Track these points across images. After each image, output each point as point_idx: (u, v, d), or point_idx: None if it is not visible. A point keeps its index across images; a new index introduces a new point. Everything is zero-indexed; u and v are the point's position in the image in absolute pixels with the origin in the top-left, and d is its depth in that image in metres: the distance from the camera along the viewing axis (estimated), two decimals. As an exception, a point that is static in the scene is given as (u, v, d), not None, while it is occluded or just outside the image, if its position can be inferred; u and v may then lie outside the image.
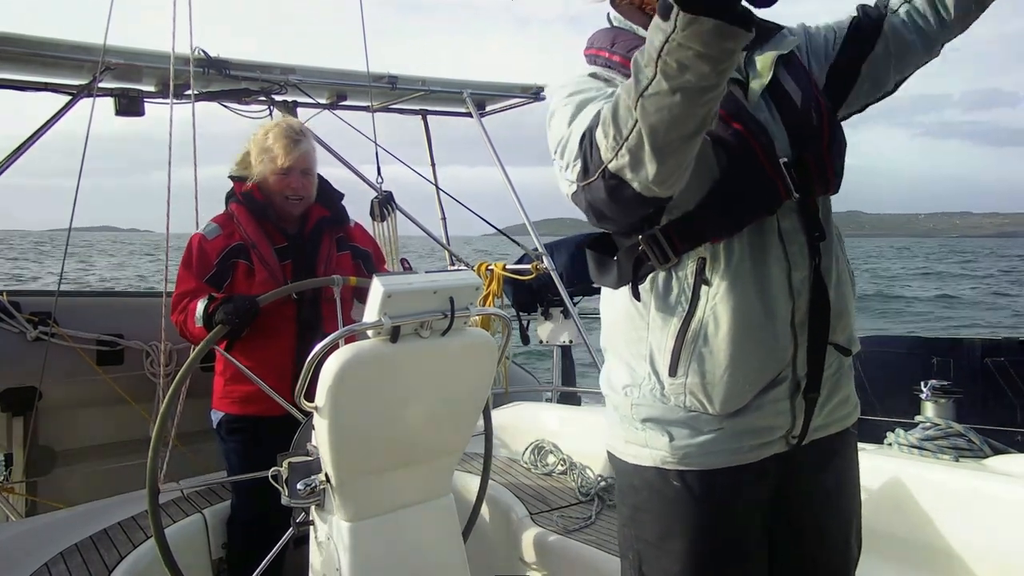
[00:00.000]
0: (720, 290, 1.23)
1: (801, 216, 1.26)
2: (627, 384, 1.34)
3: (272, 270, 2.51)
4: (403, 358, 1.70)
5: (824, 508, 1.38)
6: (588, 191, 1.13)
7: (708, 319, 1.24)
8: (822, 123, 1.28)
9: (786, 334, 1.26)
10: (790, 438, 1.31)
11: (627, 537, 1.39)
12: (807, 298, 1.26)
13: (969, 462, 2.26)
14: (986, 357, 3.57)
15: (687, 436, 1.28)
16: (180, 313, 2.46)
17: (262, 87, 3.85)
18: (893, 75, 1.39)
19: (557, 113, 1.26)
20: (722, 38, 0.89)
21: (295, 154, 2.55)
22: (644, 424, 1.32)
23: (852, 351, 1.36)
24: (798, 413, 1.29)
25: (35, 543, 2.54)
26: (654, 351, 1.29)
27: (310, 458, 1.82)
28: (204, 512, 2.76)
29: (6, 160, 3.36)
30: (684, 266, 1.26)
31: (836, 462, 1.38)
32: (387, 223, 4.13)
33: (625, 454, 1.36)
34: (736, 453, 1.28)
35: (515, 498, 2.82)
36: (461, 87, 4.57)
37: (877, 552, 2.32)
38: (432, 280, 1.71)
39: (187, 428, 2.96)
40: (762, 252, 1.24)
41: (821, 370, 1.29)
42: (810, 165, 1.25)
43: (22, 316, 3.43)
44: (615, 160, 1.05)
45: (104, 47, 3.19)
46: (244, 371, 2.09)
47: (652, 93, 0.96)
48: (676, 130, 0.99)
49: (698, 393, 1.26)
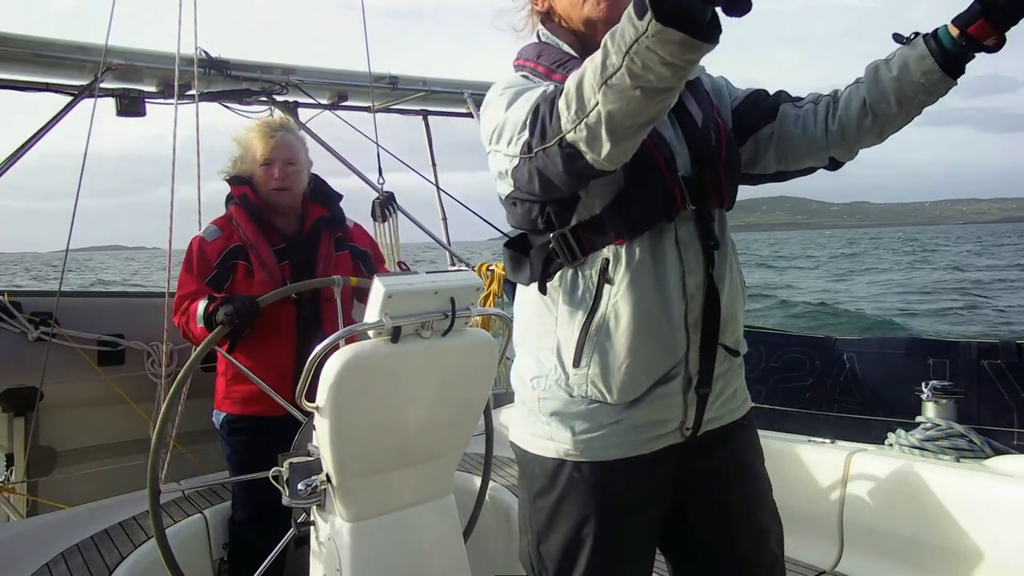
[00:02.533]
0: (621, 288, 1.34)
1: (697, 226, 1.37)
2: (535, 376, 1.45)
3: (271, 271, 2.53)
4: (404, 358, 1.70)
5: (723, 486, 1.49)
6: (539, 158, 1.21)
7: (610, 314, 1.35)
8: (720, 143, 1.39)
9: (680, 332, 1.36)
10: (684, 430, 1.42)
11: (526, 518, 1.52)
12: (700, 301, 1.37)
13: (970, 462, 2.27)
14: (982, 359, 3.57)
15: (588, 429, 1.39)
16: (182, 315, 2.47)
17: (263, 87, 3.86)
18: (773, 161, 1.48)
19: (492, 104, 1.35)
20: (687, 50, 0.95)
21: (273, 144, 2.61)
22: (550, 418, 1.42)
23: (740, 352, 1.47)
24: (690, 406, 1.40)
25: (36, 543, 2.54)
26: (560, 343, 1.40)
27: (311, 458, 1.82)
28: (205, 512, 2.76)
29: (8, 160, 3.36)
30: (590, 265, 1.37)
31: (731, 446, 1.49)
32: (388, 224, 4.13)
33: (530, 445, 1.48)
34: (633, 445, 1.39)
35: (515, 498, 2.82)
36: (462, 87, 4.57)
37: (877, 552, 2.32)
38: (433, 280, 1.71)
39: (188, 428, 2.96)
40: (660, 256, 1.35)
41: (712, 368, 1.40)
42: (707, 180, 1.37)
43: (23, 316, 3.43)
44: (573, 132, 1.13)
45: (105, 47, 3.20)
46: (245, 372, 2.09)
47: (615, 84, 1.03)
48: (632, 119, 1.08)
49: (599, 383, 1.37)
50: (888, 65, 1.31)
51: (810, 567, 2.40)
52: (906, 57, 1.28)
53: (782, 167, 1.49)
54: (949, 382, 2.55)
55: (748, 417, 1.54)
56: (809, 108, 1.43)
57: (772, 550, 1.53)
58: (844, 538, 2.41)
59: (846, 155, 1.43)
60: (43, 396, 3.36)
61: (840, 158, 1.43)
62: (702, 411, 1.42)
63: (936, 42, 1.25)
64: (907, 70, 1.28)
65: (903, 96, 1.30)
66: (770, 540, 1.53)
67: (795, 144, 1.44)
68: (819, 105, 1.42)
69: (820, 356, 4.57)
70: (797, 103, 1.45)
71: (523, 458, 1.51)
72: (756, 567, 1.51)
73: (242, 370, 2.12)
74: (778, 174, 1.51)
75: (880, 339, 4.86)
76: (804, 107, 1.43)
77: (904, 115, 1.33)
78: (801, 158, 1.45)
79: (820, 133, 1.41)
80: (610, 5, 1.37)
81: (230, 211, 2.62)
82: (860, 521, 2.37)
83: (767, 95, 1.49)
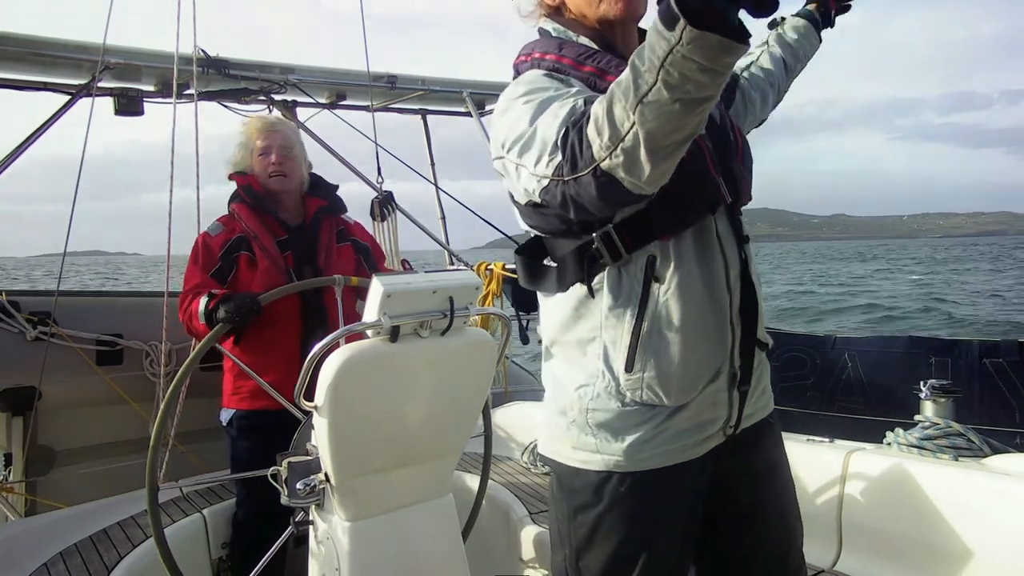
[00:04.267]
0: (671, 286, 1.30)
1: (730, 220, 1.38)
2: (581, 384, 1.37)
3: (274, 259, 2.58)
4: (403, 358, 1.70)
5: (757, 486, 1.48)
6: (571, 186, 1.15)
7: (661, 314, 1.30)
8: (736, 138, 1.41)
9: (727, 328, 1.35)
10: (727, 428, 1.40)
11: (564, 532, 1.44)
12: (739, 295, 1.36)
13: (968, 461, 2.26)
14: (984, 358, 3.58)
15: (639, 439, 1.33)
16: (185, 312, 2.51)
17: (262, 87, 3.86)
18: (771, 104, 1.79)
19: (513, 110, 1.28)
20: (724, 52, 0.93)
21: (269, 132, 2.68)
22: (598, 429, 1.35)
23: (768, 345, 1.47)
24: (734, 403, 1.39)
25: (35, 543, 2.54)
26: (608, 348, 1.33)
27: (309, 458, 1.82)
28: (204, 512, 2.76)
29: (7, 159, 3.36)
30: (634, 264, 1.31)
31: (762, 445, 1.48)
32: (387, 223, 4.13)
33: (570, 459, 1.40)
34: (683, 450, 1.35)
35: (515, 498, 2.82)
36: (461, 87, 4.57)
37: (876, 551, 2.32)
38: (432, 280, 1.71)
39: (187, 428, 2.96)
40: (705, 251, 1.33)
41: (752, 363, 1.39)
42: (735, 173, 1.37)
43: (22, 316, 3.43)
44: (609, 160, 1.08)
45: (103, 46, 3.19)
46: (244, 368, 2.09)
47: (652, 100, 0.99)
48: (673, 136, 1.04)
49: (656, 387, 1.31)
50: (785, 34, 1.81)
51: (808, 566, 2.39)
52: (795, 26, 1.83)
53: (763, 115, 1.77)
54: (949, 381, 2.54)
55: (774, 415, 1.52)
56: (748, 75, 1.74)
57: (799, 551, 1.51)
58: (842, 537, 2.41)
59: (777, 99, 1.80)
60: (41, 396, 3.36)
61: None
62: (742, 408, 1.40)
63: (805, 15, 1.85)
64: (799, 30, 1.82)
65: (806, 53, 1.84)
66: (798, 541, 1.51)
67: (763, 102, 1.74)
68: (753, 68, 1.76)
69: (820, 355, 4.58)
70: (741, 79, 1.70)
71: (560, 472, 1.43)
72: (785, 569, 1.49)
73: (242, 367, 2.12)
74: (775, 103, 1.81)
75: (881, 338, 4.85)
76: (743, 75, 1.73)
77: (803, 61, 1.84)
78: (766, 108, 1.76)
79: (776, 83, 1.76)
80: (627, 4, 1.34)
81: (233, 208, 2.68)
82: (858, 520, 2.36)
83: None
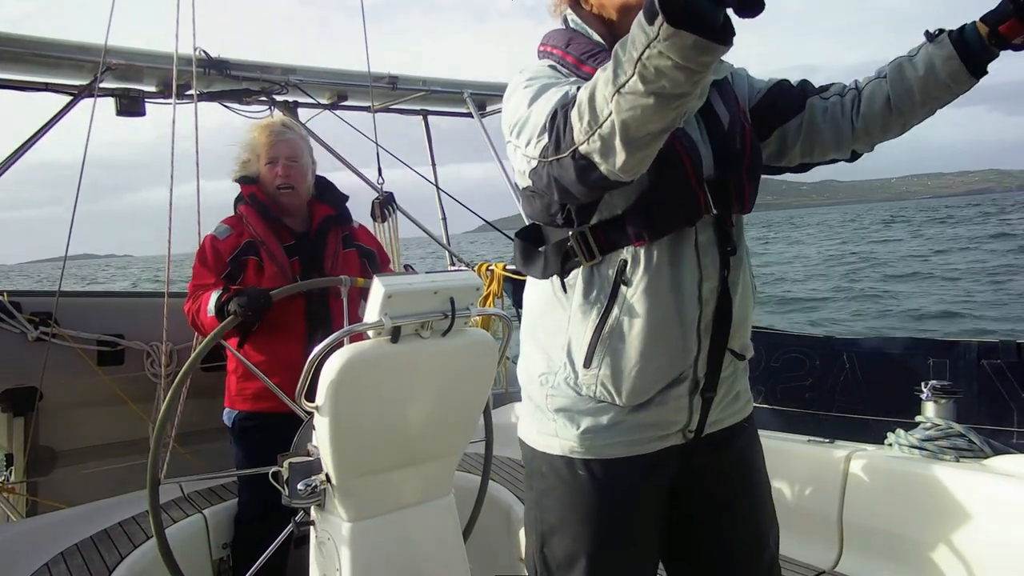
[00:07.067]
0: (637, 291, 1.32)
1: (716, 230, 1.35)
2: (544, 372, 1.43)
3: (281, 265, 2.59)
4: (403, 358, 1.70)
5: (726, 486, 1.49)
6: (554, 167, 1.18)
7: (624, 317, 1.33)
8: (744, 147, 1.37)
9: (692, 338, 1.36)
10: (686, 432, 1.42)
11: (532, 519, 1.49)
12: (713, 307, 1.36)
13: (970, 462, 2.26)
14: (983, 359, 3.57)
15: (594, 427, 1.38)
16: (194, 303, 2.51)
17: (263, 87, 3.86)
18: (799, 153, 1.49)
19: (516, 94, 1.32)
20: (701, 52, 0.93)
21: (277, 142, 2.66)
22: (556, 414, 1.41)
23: (746, 356, 1.47)
24: (695, 410, 1.40)
25: (35, 543, 2.54)
26: (572, 342, 1.38)
27: (311, 458, 1.82)
28: (205, 512, 2.76)
29: (8, 159, 3.37)
30: (607, 265, 1.34)
31: (733, 446, 1.49)
32: (388, 224, 4.13)
33: (536, 443, 1.46)
34: (636, 444, 1.39)
35: (515, 498, 2.82)
36: (461, 87, 4.58)
37: (877, 551, 2.32)
38: (432, 280, 1.71)
39: (187, 428, 2.96)
40: (678, 260, 1.33)
41: (718, 372, 1.40)
42: (730, 185, 1.35)
43: (23, 316, 3.43)
44: (587, 144, 1.10)
45: (105, 47, 3.20)
46: (251, 368, 2.09)
47: (628, 92, 1.01)
48: (646, 128, 1.05)
49: (608, 385, 1.35)
50: (913, 63, 1.33)
51: (809, 567, 2.40)
52: (932, 56, 1.30)
53: (806, 159, 1.50)
54: (949, 382, 2.54)
55: (750, 418, 1.53)
56: (835, 101, 1.43)
57: (771, 550, 1.53)
58: (844, 538, 2.41)
59: (866, 148, 1.45)
60: (43, 396, 3.36)
61: (860, 151, 1.46)
62: (706, 414, 1.41)
63: (962, 40, 1.27)
64: (933, 70, 1.30)
65: (928, 95, 1.33)
66: (769, 540, 1.53)
67: (823, 137, 1.44)
68: (845, 98, 1.42)
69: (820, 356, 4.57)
70: (823, 95, 1.45)
71: (530, 455, 1.50)
72: (756, 568, 1.51)
73: (248, 367, 2.12)
74: (801, 165, 1.52)
75: (880, 339, 4.86)
76: (831, 99, 1.44)
77: (927, 111, 1.36)
78: (827, 151, 1.46)
79: (847, 127, 1.42)
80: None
81: (240, 210, 2.68)
82: (859, 521, 2.37)
83: (791, 86, 1.47)
